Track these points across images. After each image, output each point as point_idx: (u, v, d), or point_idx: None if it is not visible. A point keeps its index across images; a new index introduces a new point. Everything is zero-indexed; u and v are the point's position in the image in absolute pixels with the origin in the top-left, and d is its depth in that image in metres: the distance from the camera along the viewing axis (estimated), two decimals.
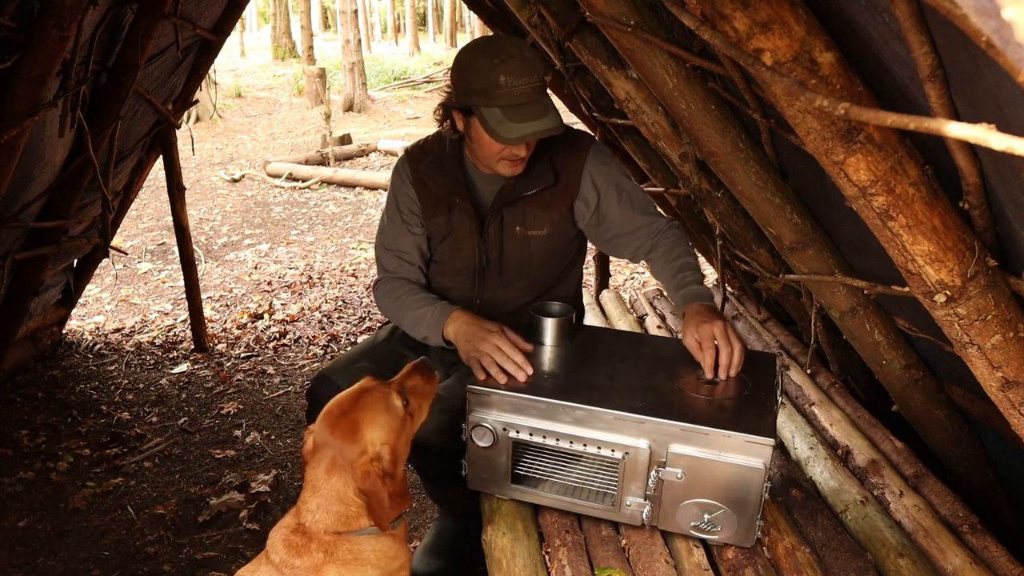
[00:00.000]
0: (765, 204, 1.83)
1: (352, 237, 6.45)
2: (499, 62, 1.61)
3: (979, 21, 0.38)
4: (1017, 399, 1.23)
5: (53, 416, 3.37)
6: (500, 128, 1.63)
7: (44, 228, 3.08)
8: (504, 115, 1.62)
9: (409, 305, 1.90)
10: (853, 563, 1.48)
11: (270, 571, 1.32)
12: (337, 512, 1.32)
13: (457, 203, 1.89)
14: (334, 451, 1.33)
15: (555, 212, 1.89)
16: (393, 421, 1.39)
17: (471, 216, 1.89)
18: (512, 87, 1.61)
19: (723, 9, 1.01)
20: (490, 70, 1.62)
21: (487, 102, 1.63)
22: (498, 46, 1.66)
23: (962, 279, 1.12)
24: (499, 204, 1.87)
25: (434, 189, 1.91)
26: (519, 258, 1.94)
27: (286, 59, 19.67)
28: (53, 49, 2.15)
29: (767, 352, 1.90)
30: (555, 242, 1.95)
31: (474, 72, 1.65)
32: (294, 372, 3.85)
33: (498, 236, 1.91)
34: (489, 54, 1.64)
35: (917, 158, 1.09)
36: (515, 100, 1.62)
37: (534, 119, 1.63)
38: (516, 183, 1.85)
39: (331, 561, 1.30)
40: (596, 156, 1.90)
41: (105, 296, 5.07)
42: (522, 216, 1.89)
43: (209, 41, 3.53)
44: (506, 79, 1.60)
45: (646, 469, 1.49)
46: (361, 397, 1.40)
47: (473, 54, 1.68)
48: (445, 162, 1.90)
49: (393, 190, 2.00)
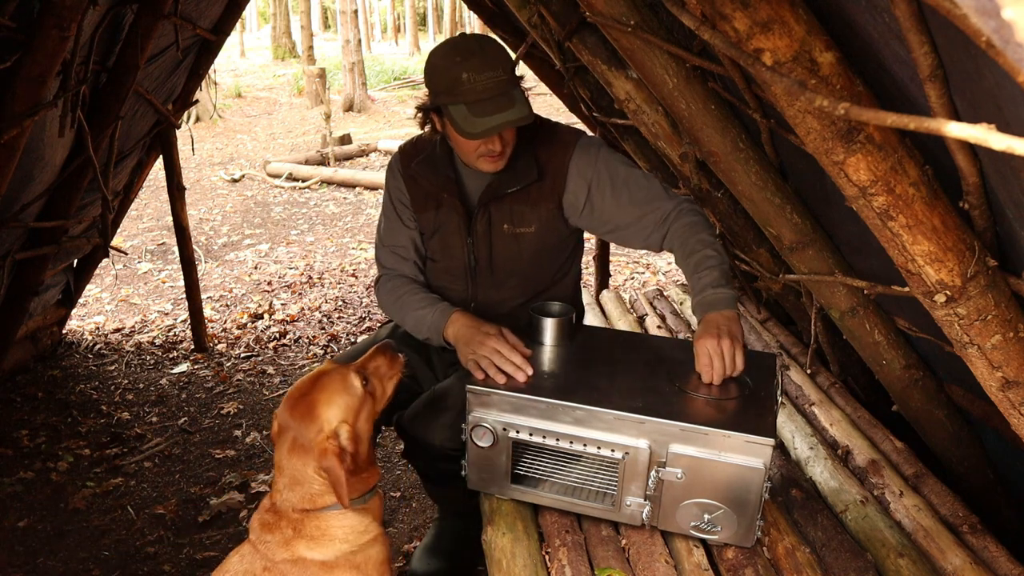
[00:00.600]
0: (765, 204, 1.83)
1: (352, 237, 6.45)
2: (461, 59, 1.64)
3: (979, 21, 0.38)
4: (1017, 399, 1.23)
5: (53, 416, 3.37)
6: (466, 124, 1.64)
7: (44, 228, 3.08)
8: (469, 111, 1.64)
9: (410, 305, 1.90)
10: (853, 563, 1.48)
11: (249, 549, 1.39)
12: (301, 491, 1.37)
13: (445, 199, 1.91)
14: (295, 432, 1.38)
15: (543, 209, 1.89)
16: (351, 401, 1.43)
17: (459, 212, 1.90)
18: (475, 82, 1.63)
19: (723, 9, 1.01)
20: (452, 68, 1.64)
21: (453, 100, 1.65)
22: (460, 44, 1.68)
23: (962, 279, 1.12)
24: (485, 200, 1.87)
25: (424, 185, 1.93)
26: (509, 256, 1.94)
27: (286, 59, 19.68)
28: (53, 49, 2.15)
29: (767, 352, 1.90)
30: (545, 240, 1.94)
31: (438, 72, 1.68)
32: (294, 372, 3.85)
33: (486, 233, 1.91)
34: (451, 53, 1.67)
35: (917, 158, 1.09)
36: (479, 95, 1.63)
37: (499, 112, 1.64)
38: (501, 179, 1.85)
39: (299, 537, 1.36)
40: (583, 150, 1.86)
41: (105, 296, 5.07)
42: (509, 213, 1.89)
43: (209, 41, 3.53)
44: (468, 75, 1.63)
45: (646, 469, 1.49)
46: (319, 379, 1.44)
47: (437, 55, 1.71)
48: (436, 159, 1.92)
49: (387, 186, 2.03)
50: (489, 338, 1.67)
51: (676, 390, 1.58)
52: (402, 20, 35.22)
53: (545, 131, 1.90)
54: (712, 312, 1.63)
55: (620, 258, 5.43)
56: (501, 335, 1.69)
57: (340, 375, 1.45)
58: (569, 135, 1.91)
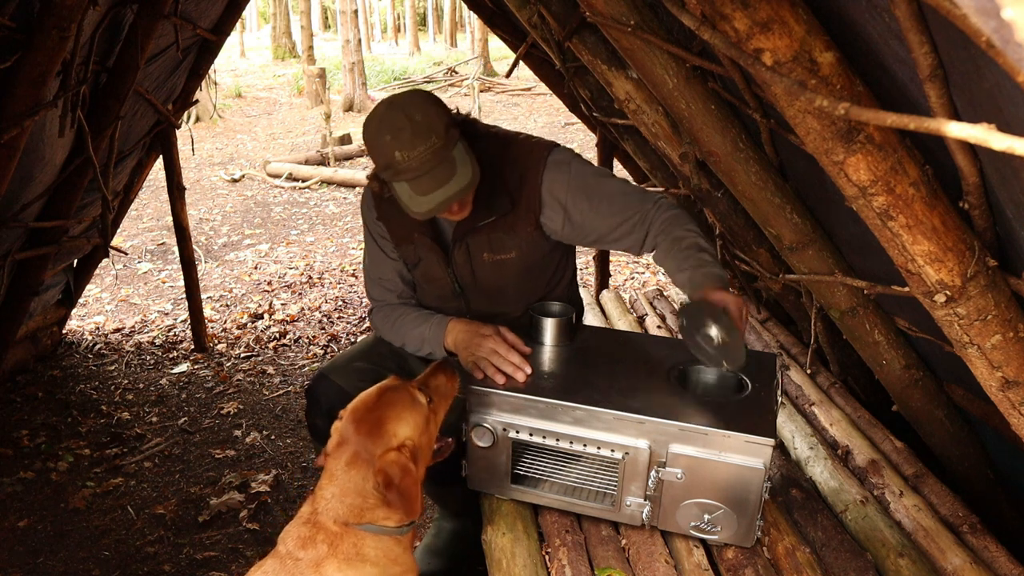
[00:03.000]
0: (765, 204, 1.83)
1: (352, 237, 6.45)
2: (391, 138, 1.56)
3: (979, 21, 0.38)
4: (1017, 399, 1.23)
5: (53, 416, 3.37)
6: (411, 203, 1.61)
7: (44, 228, 3.08)
8: (411, 188, 1.60)
9: (407, 327, 1.90)
10: (853, 563, 1.48)
11: (274, 563, 1.33)
12: (351, 503, 1.33)
13: (416, 237, 1.88)
14: (357, 446, 1.35)
15: (521, 234, 1.83)
16: (418, 418, 1.40)
17: (433, 249, 1.87)
18: (409, 160, 1.56)
19: (723, 9, 1.01)
20: (385, 148, 1.58)
21: (393, 177, 1.61)
22: (387, 120, 1.59)
23: (962, 279, 1.12)
24: (460, 235, 1.83)
25: (396, 224, 1.90)
26: (494, 282, 1.91)
27: (286, 59, 19.68)
28: (53, 49, 2.15)
29: (767, 352, 1.90)
30: (529, 261, 1.89)
31: (373, 150, 1.62)
32: (294, 372, 3.85)
33: (467, 264, 1.87)
34: (382, 131, 1.59)
35: (917, 158, 1.09)
36: (415, 172, 1.57)
37: (439, 186, 1.58)
38: (472, 214, 1.79)
39: (332, 556, 1.30)
40: (554, 168, 1.79)
41: (105, 296, 5.07)
42: (487, 243, 1.84)
43: (209, 41, 3.53)
44: (401, 154, 1.56)
45: (646, 469, 1.49)
46: (385, 394, 1.41)
47: (370, 131, 1.63)
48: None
49: (364, 220, 1.99)
50: (486, 339, 1.67)
51: (676, 390, 1.58)
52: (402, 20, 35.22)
53: (510, 156, 1.81)
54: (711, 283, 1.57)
55: (620, 258, 5.43)
56: (499, 335, 1.68)
57: (407, 391, 1.43)
58: (536, 152, 1.81)
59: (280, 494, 2.77)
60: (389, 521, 1.35)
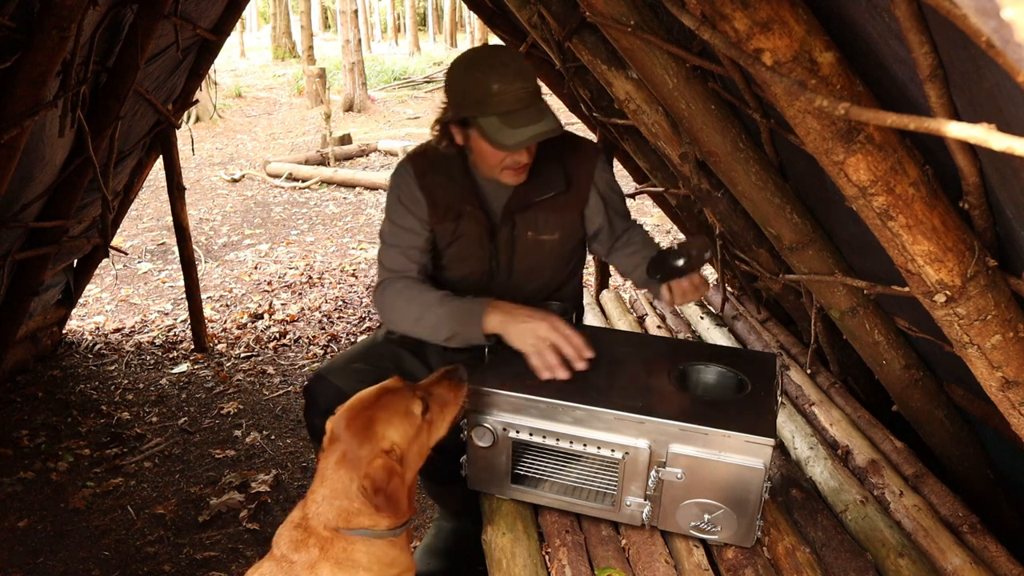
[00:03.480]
0: (765, 204, 1.83)
1: (352, 237, 6.45)
2: (491, 70, 1.61)
3: (979, 21, 0.38)
4: (1017, 399, 1.23)
5: (53, 416, 3.37)
6: (499, 135, 1.62)
7: (44, 228, 3.08)
8: (502, 122, 1.62)
9: (430, 304, 1.79)
10: (853, 563, 1.48)
11: (271, 566, 1.33)
12: (339, 506, 1.32)
13: (468, 211, 1.86)
14: (346, 445, 1.34)
15: (567, 216, 1.91)
16: (408, 427, 1.39)
17: (482, 223, 1.87)
18: (506, 93, 1.60)
19: (723, 9, 1.01)
20: (483, 80, 1.61)
21: (483, 111, 1.62)
22: (489, 55, 1.66)
23: (962, 279, 1.12)
24: (511, 210, 1.86)
25: (443, 197, 1.86)
26: (531, 262, 1.93)
27: (286, 59, 19.68)
28: (53, 49, 2.15)
29: (767, 352, 1.90)
30: (566, 246, 1.97)
31: (468, 83, 1.65)
32: (294, 372, 3.85)
33: (509, 242, 1.89)
34: (481, 64, 1.63)
35: (917, 158, 1.09)
36: (511, 106, 1.61)
37: (531, 123, 1.62)
38: (528, 189, 1.84)
39: (324, 559, 1.31)
40: (602, 166, 1.94)
41: (105, 296, 5.07)
42: (534, 221, 1.88)
43: (209, 41, 3.53)
44: (499, 86, 1.60)
45: (646, 469, 1.49)
46: (382, 396, 1.40)
47: (465, 66, 1.67)
48: (452, 169, 1.87)
49: (397, 191, 1.92)
50: (543, 320, 1.64)
51: (676, 390, 1.58)
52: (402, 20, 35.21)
53: (568, 141, 1.91)
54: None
55: None
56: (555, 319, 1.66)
57: (404, 397, 1.41)
58: (591, 148, 1.97)
59: (280, 494, 2.77)
60: (380, 523, 1.35)
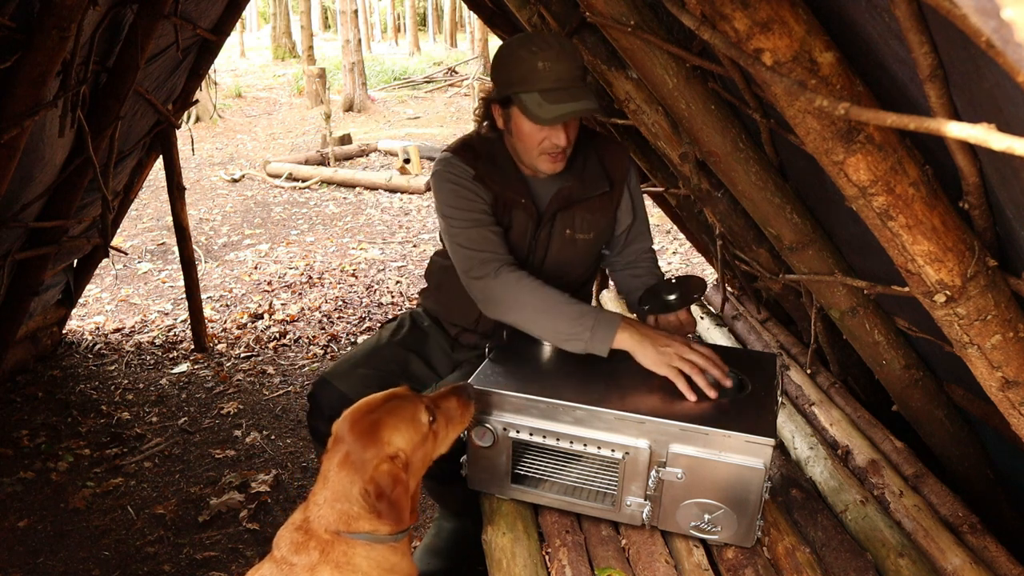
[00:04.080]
0: (765, 204, 1.83)
1: (352, 237, 6.45)
2: (538, 50, 1.64)
3: (979, 21, 0.38)
4: (1017, 399, 1.23)
5: (53, 416, 3.37)
6: (539, 110, 1.64)
7: (44, 228, 3.08)
8: (543, 98, 1.64)
9: (556, 300, 1.69)
10: (853, 563, 1.48)
11: (271, 568, 1.33)
12: (340, 510, 1.32)
13: (522, 203, 1.84)
14: (350, 447, 1.34)
15: (602, 218, 1.93)
16: (414, 434, 1.39)
17: (531, 217, 1.87)
18: (550, 71, 1.63)
19: (723, 9, 1.01)
20: (529, 58, 1.64)
21: (526, 88, 1.65)
22: (537, 37, 1.70)
23: (962, 279, 1.12)
24: (556, 207, 1.86)
25: (496, 189, 1.83)
26: (562, 260, 1.93)
27: (286, 59, 19.68)
28: (53, 49, 2.15)
29: (767, 352, 1.90)
30: (598, 247, 2.00)
31: (514, 61, 1.68)
32: (294, 372, 3.85)
33: (547, 237, 1.90)
34: (529, 44, 1.67)
35: (917, 158, 1.09)
36: (553, 84, 1.64)
37: (572, 100, 1.64)
38: (574, 187, 1.85)
39: (324, 563, 1.30)
40: (634, 172, 1.98)
41: (105, 296, 5.07)
42: (572, 219, 1.89)
43: (209, 41, 3.53)
44: (544, 64, 1.63)
45: (646, 469, 1.49)
46: (389, 401, 1.40)
47: (512, 46, 1.71)
48: (502, 163, 1.85)
49: (453, 184, 1.81)
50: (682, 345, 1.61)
51: (676, 390, 1.58)
52: (402, 20, 35.22)
53: (604, 141, 1.94)
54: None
55: None
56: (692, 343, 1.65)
57: (411, 404, 1.41)
58: (624, 151, 1.99)
59: (280, 494, 2.77)
60: (381, 529, 1.34)
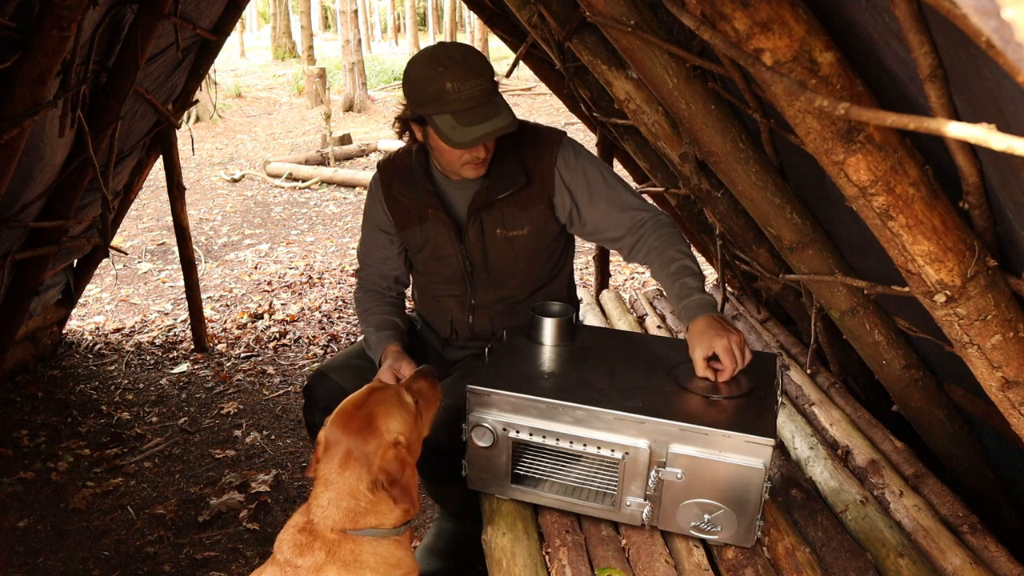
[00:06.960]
0: (765, 204, 1.83)
1: (352, 237, 6.45)
2: (444, 69, 1.63)
3: (979, 21, 0.38)
4: (1017, 399, 1.23)
5: (53, 416, 3.37)
6: (453, 134, 1.64)
7: (44, 228, 3.08)
8: (456, 120, 1.64)
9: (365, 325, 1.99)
10: (853, 563, 1.48)
11: (274, 571, 1.32)
12: (347, 507, 1.32)
13: (430, 213, 1.91)
14: (349, 446, 1.34)
15: (534, 211, 1.90)
16: (407, 416, 1.41)
17: (447, 224, 1.90)
18: (460, 92, 1.63)
19: (723, 9, 1.01)
20: (436, 78, 1.64)
21: (438, 110, 1.65)
22: (441, 53, 1.68)
23: (962, 279, 1.12)
24: (475, 209, 1.88)
25: (406, 203, 1.93)
26: (504, 259, 1.94)
27: (286, 59, 19.68)
28: (53, 49, 2.15)
29: (767, 352, 1.90)
30: (540, 241, 1.95)
31: (421, 82, 1.67)
32: (294, 372, 3.85)
33: (479, 240, 1.91)
34: (433, 63, 1.66)
35: (917, 158, 1.09)
36: (464, 104, 1.64)
37: (485, 120, 1.64)
38: (489, 187, 1.85)
39: (331, 562, 1.30)
40: (565, 154, 1.87)
41: (105, 296, 5.07)
42: (501, 218, 1.89)
43: (209, 41, 3.53)
44: (452, 85, 1.63)
45: (646, 469, 1.49)
46: (373, 394, 1.42)
47: (419, 65, 1.70)
48: (414, 175, 1.91)
49: (367, 203, 2.03)
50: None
51: (676, 390, 1.58)
52: (402, 20, 35.22)
53: (528, 134, 1.91)
54: (704, 314, 1.64)
55: (620, 258, 5.42)
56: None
57: (394, 391, 1.44)
58: (553, 135, 1.92)
59: (280, 494, 2.77)
60: (386, 522, 1.34)
